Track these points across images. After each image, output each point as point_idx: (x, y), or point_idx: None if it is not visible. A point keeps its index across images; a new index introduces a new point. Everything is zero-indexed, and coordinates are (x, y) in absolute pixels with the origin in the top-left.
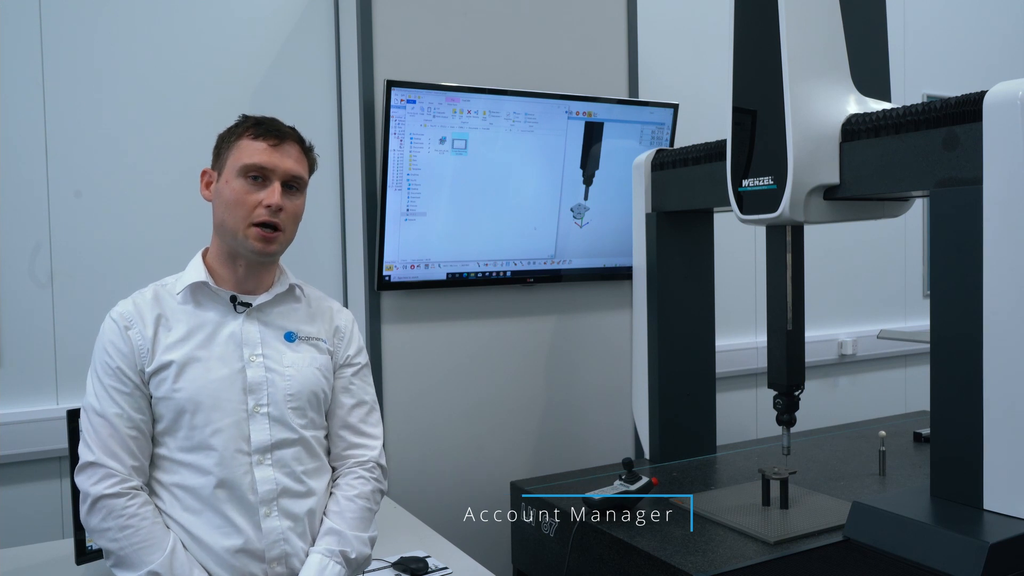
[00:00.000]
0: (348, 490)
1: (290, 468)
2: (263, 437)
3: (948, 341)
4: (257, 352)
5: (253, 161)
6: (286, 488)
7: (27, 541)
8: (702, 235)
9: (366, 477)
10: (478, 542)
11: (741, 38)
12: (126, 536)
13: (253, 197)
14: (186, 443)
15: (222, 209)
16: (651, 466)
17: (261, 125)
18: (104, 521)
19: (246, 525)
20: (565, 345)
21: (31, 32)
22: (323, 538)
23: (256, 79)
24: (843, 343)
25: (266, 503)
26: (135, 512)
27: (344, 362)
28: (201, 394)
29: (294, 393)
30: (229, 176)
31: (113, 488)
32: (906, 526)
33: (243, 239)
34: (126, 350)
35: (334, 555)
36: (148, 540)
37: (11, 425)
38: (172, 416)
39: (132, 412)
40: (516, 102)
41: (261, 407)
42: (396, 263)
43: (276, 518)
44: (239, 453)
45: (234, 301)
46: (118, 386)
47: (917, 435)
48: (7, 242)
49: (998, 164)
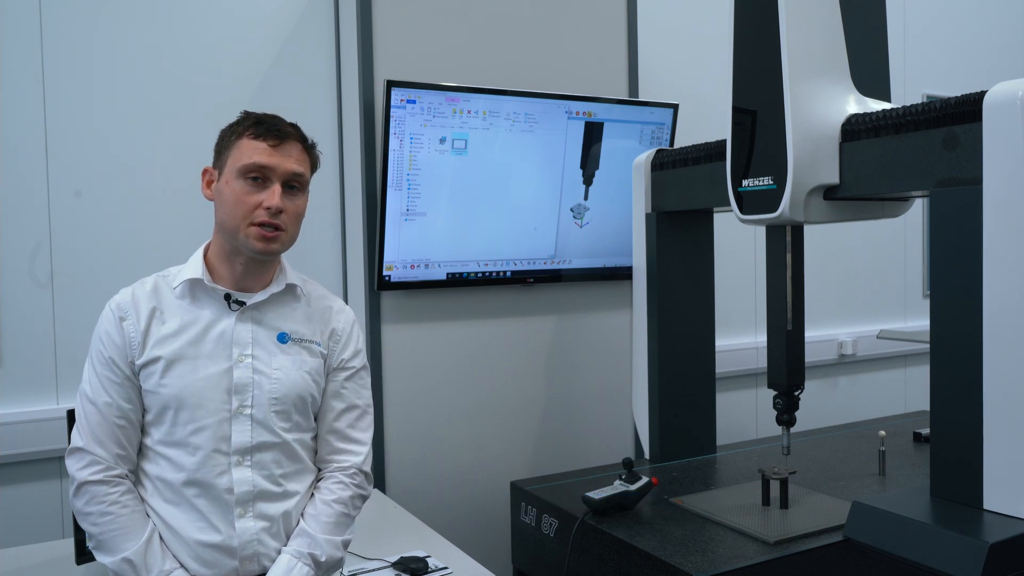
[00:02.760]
0: (326, 494)
1: (269, 471)
2: (244, 439)
3: (948, 341)
4: (247, 352)
5: (253, 161)
6: (263, 490)
7: (27, 541)
8: (702, 235)
9: (346, 483)
10: (478, 542)
11: (741, 38)
12: (106, 522)
13: (253, 198)
14: (168, 437)
15: (222, 209)
16: (651, 466)
17: (262, 124)
18: (87, 505)
19: (220, 523)
20: (565, 345)
21: (31, 32)
22: (295, 539)
23: (256, 79)
24: (843, 343)
25: (242, 503)
26: (116, 500)
27: (338, 365)
28: (185, 392)
29: (279, 396)
30: (229, 176)
31: (97, 475)
32: (906, 526)
33: (244, 239)
34: (119, 341)
35: (303, 556)
36: (126, 528)
37: (11, 425)
38: (157, 410)
39: (121, 402)
40: (516, 102)
41: (245, 408)
42: (396, 263)
43: (250, 519)
44: (217, 453)
45: (228, 299)
46: (110, 375)
47: (917, 435)
48: (7, 242)
49: (998, 164)
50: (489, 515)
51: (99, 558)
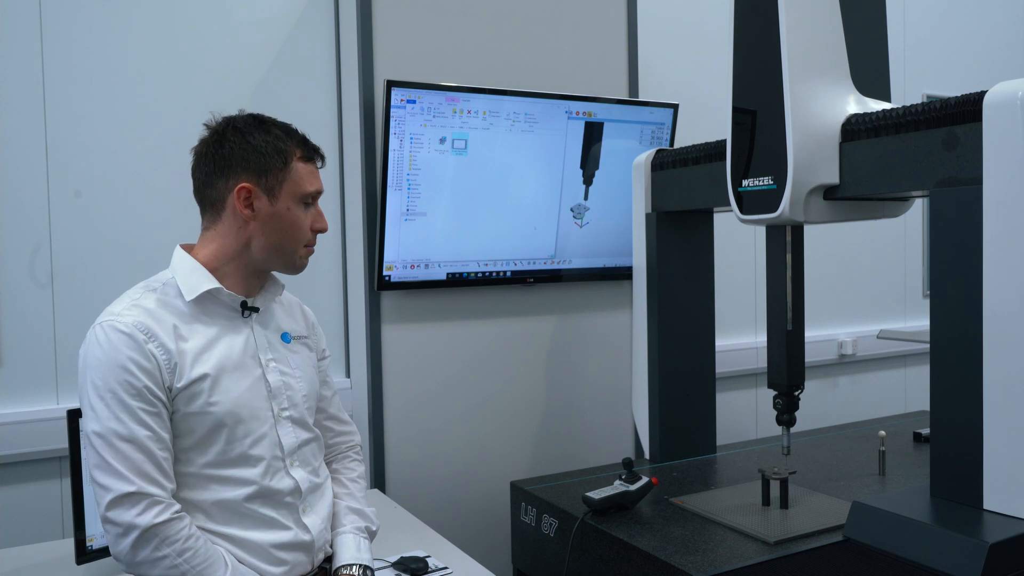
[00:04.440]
0: (349, 473)
1: (311, 465)
2: (291, 440)
3: (948, 341)
4: (270, 357)
5: (315, 188)
6: (312, 484)
7: (27, 541)
8: (702, 235)
9: (358, 459)
10: (478, 542)
11: (741, 38)
12: (186, 560)
13: (307, 221)
14: (222, 457)
15: (280, 233)
16: (651, 466)
17: (307, 146)
18: (158, 550)
19: (289, 522)
20: (565, 345)
21: (31, 32)
22: (347, 516)
23: (256, 79)
24: (843, 343)
25: (303, 501)
26: (190, 534)
27: (320, 355)
28: (236, 405)
29: (307, 394)
30: (289, 202)
31: (164, 516)
32: (906, 526)
33: (298, 259)
34: (149, 366)
35: (361, 531)
36: (209, 559)
37: (11, 425)
38: (206, 431)
39: (162, 432)
40: (516, 102)
41: (284, 411)
42: (396, 263)
43: (312, 514)
44: (276, 460)
45: (244, 307)
46: (145, 407)
47: (917, 435)
48: (7, 242)
49: (998, 164)
50: (489, 515)
51: None
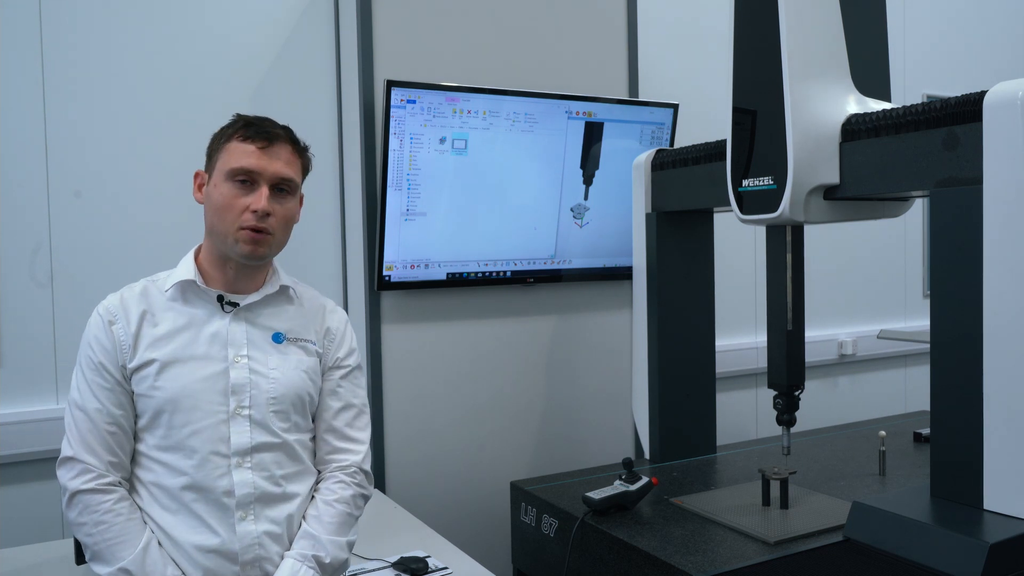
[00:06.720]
0: (328, 495)
1: (270, 472)
2: (243, 440)
3: (948, 341)
4: (242, 353)
5: (240, 165)
6: (264, 492)
7: (27, 541)
8: (702, 235)
9: (347, 482)
10: (478, 542)
11: (741, 38)
12: (100, 532)
13: (241, 201)
14: (163, 442)
15: (211, 213)
16: (651, 466)
17: (251, 126)
18: (80, 516)
19: (220, 527)
20: (565, 345)
21: (31, 32)
22: (298, 542)
23: (256, 79)
24: (843, 343)
25: (243, 506)
26: (110, 508)
27: (333, 364)
28: (181, 394)
29: (277, 396)
30: (218, 180)
31: (89, 484)
32: (906, 526)
33: (232, 243)
34: (108, 345)
35: (307, 559)
36: (121, 536)
37: (11, 425)
38: (151, 414)
39: (112, 408)
40: (516, 102)
41: (243, 409)
42: (396, 263)
43: (251, 522)
44: (216, 455)
45: (221, 301)
46: (99, 381)
47: (917, 435)
48: (7, 242)
49: (998, 164)
50: (489, 515)
51: (96, 569)
